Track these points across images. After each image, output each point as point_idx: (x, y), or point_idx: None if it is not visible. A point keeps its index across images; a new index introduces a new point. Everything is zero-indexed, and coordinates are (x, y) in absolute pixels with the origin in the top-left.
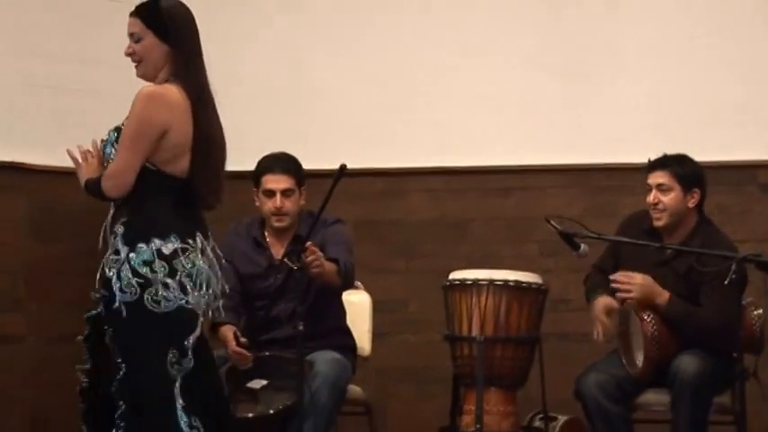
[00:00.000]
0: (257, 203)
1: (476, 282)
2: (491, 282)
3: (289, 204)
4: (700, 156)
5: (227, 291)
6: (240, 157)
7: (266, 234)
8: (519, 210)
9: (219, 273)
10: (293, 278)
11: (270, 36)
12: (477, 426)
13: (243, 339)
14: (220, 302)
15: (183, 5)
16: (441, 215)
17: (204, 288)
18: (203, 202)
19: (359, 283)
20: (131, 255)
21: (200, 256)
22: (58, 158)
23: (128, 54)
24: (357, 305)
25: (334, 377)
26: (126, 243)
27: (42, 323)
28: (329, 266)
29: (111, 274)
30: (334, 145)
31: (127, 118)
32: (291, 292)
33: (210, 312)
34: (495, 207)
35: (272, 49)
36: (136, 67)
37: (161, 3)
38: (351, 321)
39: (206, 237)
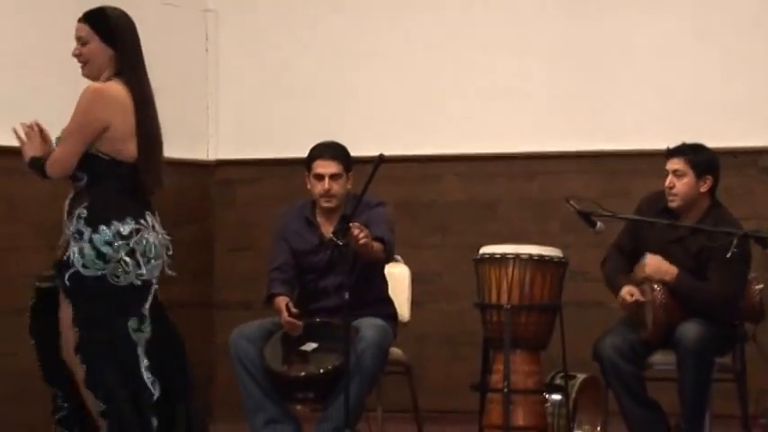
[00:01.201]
0: (309, 186)
1: (504, 256)
2: (517, 256)
3: (336, 187)
4: (705, 143)
5: (282, 265)
6: (293, 146)
7: (317, 214)
8: (542, 192)
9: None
10: (340, 253)
11: (319, 39)
12: (505, 383)
13: (294, 310)
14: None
15: (126, 14)
16: (471, 197)
17: (156, 259)
18: (147, 188)
19: (398, 257)
20: (94, 236)
21: (150, 232)
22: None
23: (75, 55)
24: (397, 277)
25: (378, 341)
26: (88, 224)
27: None
28: (377, 245)
29: (73, 251)
30: (376, 135)
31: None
32: (339, 266)
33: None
34: (520, 189)
35: (321, 51)
36: (81, 67)
37: (107, 11)
38: (391, 291)
39: (153, 214)
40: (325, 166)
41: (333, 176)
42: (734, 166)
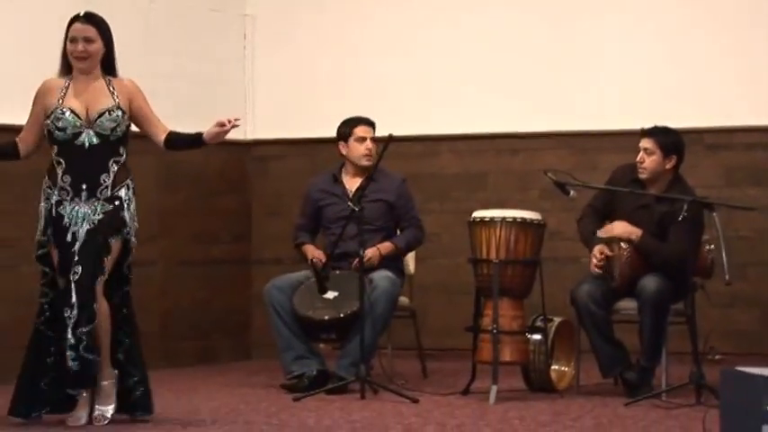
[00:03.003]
0: (344, 152)
1: (492, 219)
2: (503, 219)
3: (374, 148)
4: (658, 124)
5: (305, 221)
6: (316, 128)
7: (342, 173)
8: (524, 165)
9: None
10: (356, 215)
11: (338, 39)
12: (494, 326)
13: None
14: None
15: None
16: (465, 170)
17: None
18: None
19: None
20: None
21: None
22: (178, 128)
23: (80, 52)
24: None
25: (390, 290)
26: (134, 194)
27: (169, 252)
28: (385, 250)
29: (125, 214)
30: (386, 118)
31: (135, 97)
32: (356, 223)
33: None
34: (505, 163)
35: (340, 48)
36: (81, 61)
37: (99, 16)
38: None
39: None
40: (367, 131)
41: (372, 139)
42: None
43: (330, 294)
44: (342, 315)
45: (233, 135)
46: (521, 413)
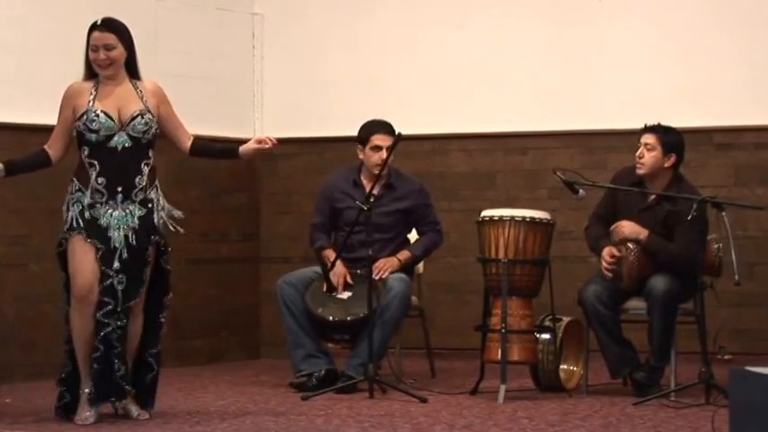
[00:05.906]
0: (361, 156)
1: (501, 218)
2: (512, 218)
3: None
4: (670, 123)
5: (322, 221)
6: (325, 127)
7: (362, 176)
8: (533, 164)
9: None
10: (364, 217)
11: (347, 38)
12: (503, 325)
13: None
14: None
15: None
16: (474, 168)
17: None
18: None
19: None
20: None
21: None
22: (190, 128)
23: (102, 60)
24: (413, 237)
25: (404, 292)
26: (160, 194)
27: (178, 250)
28: (403, 258)
29: (158, 215)
30: (396, 117)
31: (163, 103)
32: (367, 225)
33: None
34: (515, 162)
35: (349, 48)
36: (105, 68)
37: (119, 21)
38: None
39: None
40: (383, 140)
41: (386, 149)
42: (691, 142)
43: (344, 294)
44: (349, 318)
45: (241, 134)
46: (529, 413)
